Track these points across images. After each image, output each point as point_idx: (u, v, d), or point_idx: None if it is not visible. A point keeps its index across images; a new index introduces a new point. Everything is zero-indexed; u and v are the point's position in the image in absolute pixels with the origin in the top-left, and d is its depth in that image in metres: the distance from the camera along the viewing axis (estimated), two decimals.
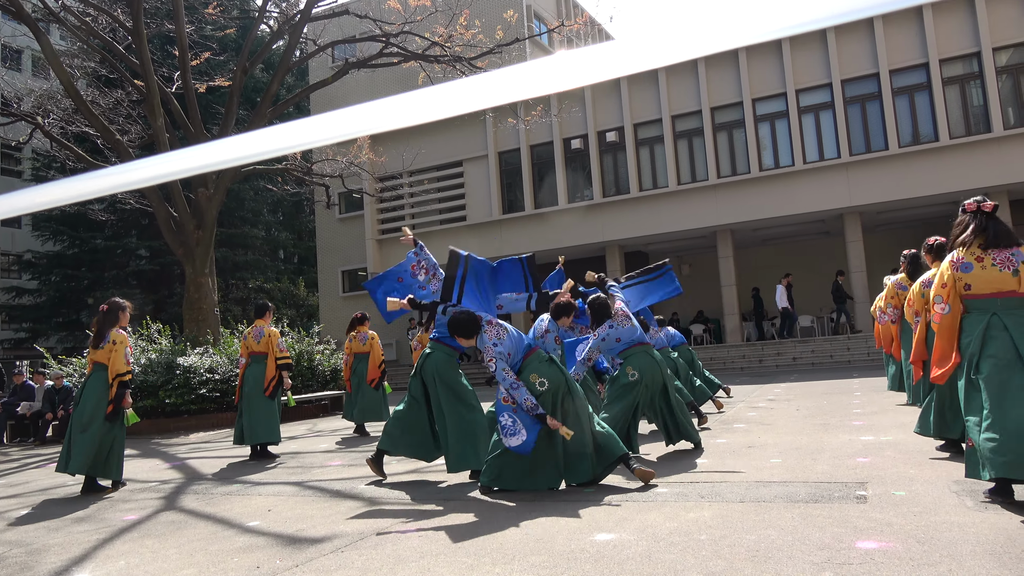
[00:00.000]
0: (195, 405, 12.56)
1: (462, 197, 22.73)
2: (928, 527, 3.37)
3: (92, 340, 6.54)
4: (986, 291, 3.78)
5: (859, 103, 18.43)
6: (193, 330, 15.11)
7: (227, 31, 21.08)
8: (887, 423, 6.85)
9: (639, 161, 20.48)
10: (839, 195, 18.19)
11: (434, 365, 5.58)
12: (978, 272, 3.79)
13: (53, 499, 6.29)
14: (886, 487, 4.25)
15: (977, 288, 3.81)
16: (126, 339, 6.48)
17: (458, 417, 5.45)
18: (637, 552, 3.33)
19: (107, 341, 6.41)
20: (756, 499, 4.21)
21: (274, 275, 34.85)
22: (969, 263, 3.82)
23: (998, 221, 3.85)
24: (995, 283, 3.76)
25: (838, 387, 11.37)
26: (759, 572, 2.94)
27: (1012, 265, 3.73)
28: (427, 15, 16.26)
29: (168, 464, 8.19)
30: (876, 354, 15.61)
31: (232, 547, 4.07)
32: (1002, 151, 16.91)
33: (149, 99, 15.25)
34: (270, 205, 35.41)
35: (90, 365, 6.52)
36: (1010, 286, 3.75)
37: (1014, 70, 17.37)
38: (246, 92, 29.05)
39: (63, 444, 6.46)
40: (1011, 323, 3.70)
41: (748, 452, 5.89)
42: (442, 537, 3.89)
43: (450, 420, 5.45)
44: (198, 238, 15.55)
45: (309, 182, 19.41)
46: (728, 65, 19.53)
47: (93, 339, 6.53)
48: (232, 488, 6.13)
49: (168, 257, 27.88)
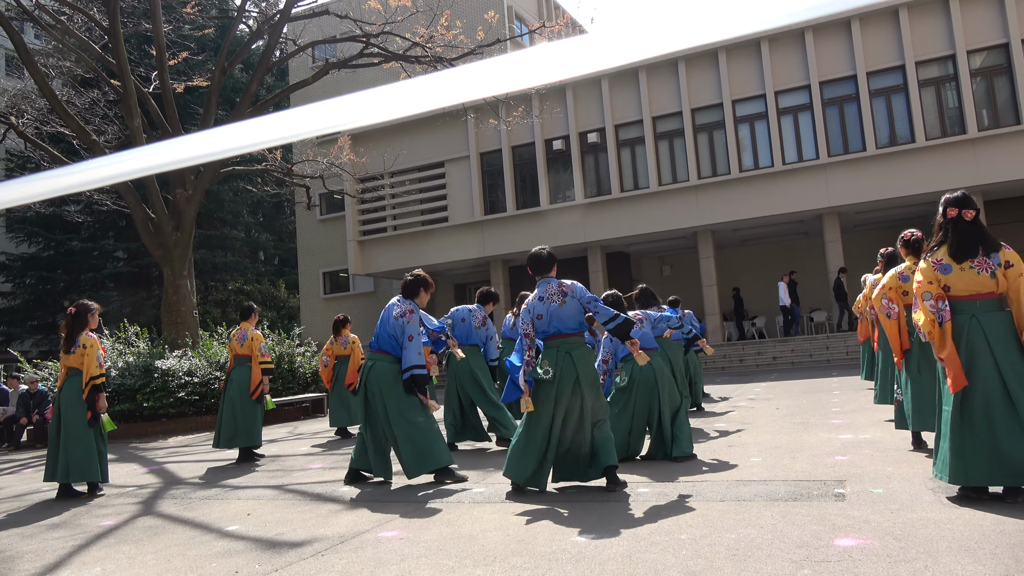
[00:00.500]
0: (174, 409, 12.43)
1: (444, 198, 22.68)
2: (905, 524, 3.41)
3: (63, 345, 6.43)
4: (965, 293, 3.82)
5: (837, 105, 18.63)
6: (172, 333, 14.95)
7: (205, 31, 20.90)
8: (865, 421, 6.93)
9: (620, 162, 20.55)
10: (818, 196, 18.37)
11: (378, 378, 5.56)
12: (957, 274, 3.82)
13: (28, 505, 6.19)
14: (864, 485, 4.30)
15: (956, 290, 3.83)
16: (96, 342, 6.37)
17: (407, 424, 5.45)
18: (618, 552, 3.34)
19: (77, 345, 6.29)
20: (736, 498, 4.24)
21: (254, 277, 34.58)
22: (948, 264, 3.84)
23: (967, 232, 3.82)
24: (974, 285, 3.80)
25: (817, 386, 11.47)
26: (739, 571, 2.95)
27: (990, 268, 3.76)
28: (408, 16, 16.21)
29: (146, 468, 8.09)
30: (855, 353, 15.79)
31: (210, 552, 4.02)
32: (977, 152, 17.17)
33: (126, 99, 15.07)
34: (250, 206, 35.13)
35: (63, 370, 6.42)
36: (988, 288, 3.78)
37: (988, 72, 17.65)
38: (225, 92, 28.83)
39: (48, 453, 6.35)
40: (987, 324, 3.74)
41: (729, 451, 5.92)
42: (423, 539, 3.87)
43: (399, 429, 5.44)
44: (176, 240, 15.38)
45: (289, 183, 19.28)
46: (708, 67, 19.67)
47: (64, 343, 6.42)
48: (211, 492, 6.06)
49: (146, 259, 27.58)
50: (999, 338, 3.70)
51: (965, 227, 3.84)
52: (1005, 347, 3.69)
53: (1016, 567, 2.74)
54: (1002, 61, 17.43)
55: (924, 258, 3.98)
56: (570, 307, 4.85)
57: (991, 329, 3.72)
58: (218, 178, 17.64)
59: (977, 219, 3.86)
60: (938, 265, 3.87)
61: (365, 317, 26.03)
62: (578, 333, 4.90)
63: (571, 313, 4.86)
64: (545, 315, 4.89)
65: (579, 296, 4.86)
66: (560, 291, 4.89)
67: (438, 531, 4.03)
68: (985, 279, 3.77)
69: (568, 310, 4.85)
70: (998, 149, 16.97)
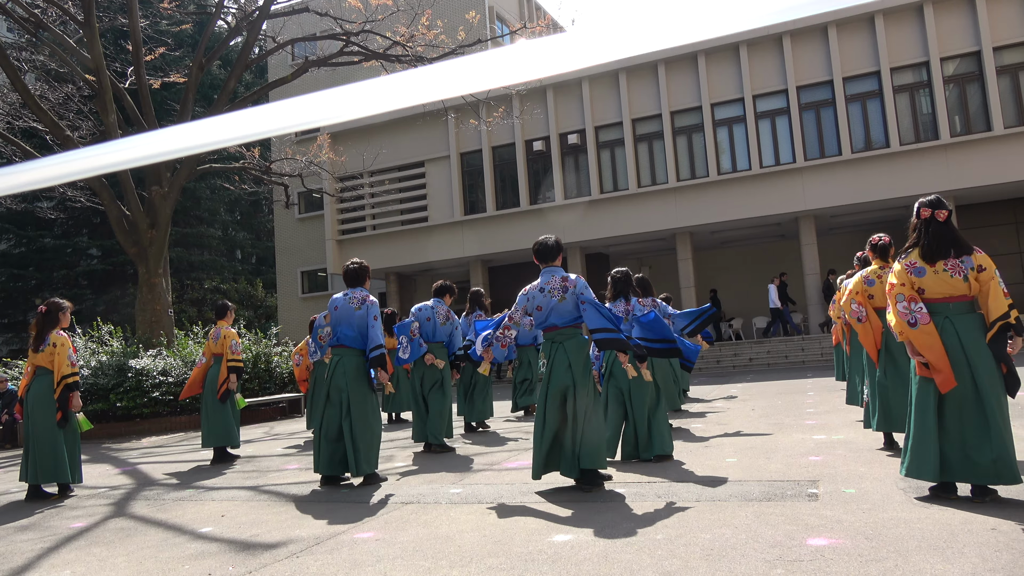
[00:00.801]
0: (148, 408, 12.26)
1: (424, 198, 22.62)
2: (876, 523, 3.46)
3: (32, 343, 6.33)
4: (939, 295, 3.87)
5: (813, 109, 18.86)
6: (146, 332, 14.76)
7: (183, 26, 20.63)
8: (838, 422, 7.01)
9: (600, 164, 20.64)
10: (794, 199, 18.58)
11: (345, 373, 5.65)
12: (931, 276, 3.87)
13: None
14: (837, 485, 4.35)
15: (931, 292, 3.88)
16: (67, 340, 6.27)
17: (364, 423, 5.60)
18: (594, 553, 3.35)
19: (47, 344, 6.19)
20: (712, 498, 4.27)
21: (231, 275, 34.26)
22: (922, 268, 3.89)
23: (939, 234, 3.87)
24: (948, 288, 3.85)
25: (792, 387, 11.60)
26: (713, 571, 2.98)
27: (962, 271, 3.82)
28: (388, 14, 16.15)
29: (119, 469, 7.98)
30: (829, 354, 15.98)
31: (183, 554, 3.98)
32: (949, 158, 17.46)
33: (101, 95, 14.85)
34: (227, 204, 34.80)
35: (31, 369, 6.30)
36: (961, 291, 3.84)
37: (960, 80, 17.96)
38: (203, 89, 28.53)
39: (23, 453, 6.24)
40: (960, 326, 3.81)
41: (705, 451, 5.97)
42: (399, 540, 3.86)
43: (358, 427, 5.56)
44: (151, 237, 15.19)
45: (267, 181, 19.11)
46: (687, 70, 19.81)
47: (33, 342, 6.31)
48: (185, 493, 5.99)
49: (120, 257, 27.21)
50: (972, 341, 3.77)
51: (937, 228, 3.90)
52: (978, 349, 3.75)
53: (983, 565, 2.80)
54: (974, 68, 17.75)
55: (898, 260, 4.02)
56: (569, 302, 4.89)
57: (964, 331, 3.78)
58: (195, 175, 17.44)
59: (949, 221, 3.91)
60: (912, 268, 3.92)
61: None
62: (573, 326, 4.95)
63: (569, 308, 4.90)
64: (544, 308, 4.94)
65: (577, 291, 4.88)
66: (562, 285, 4.92)
67: (414, 532, 4.02)
68: (958, 282, 3.83)
69: (567, 305, 4.90)
70: (969, 155, 17.28)
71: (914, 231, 4.00)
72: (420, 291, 24.88)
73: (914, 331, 3.80)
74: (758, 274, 22.95)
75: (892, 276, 4.00)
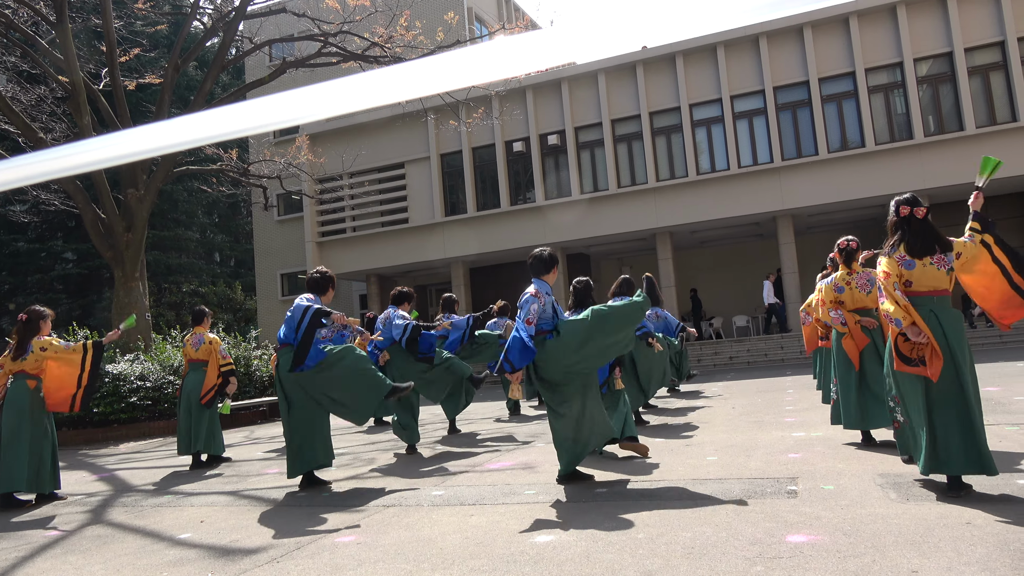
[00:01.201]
0: (125, 414, 12.11)
1: (404, 199, 22.55)
2: (854, 519, 3.50)
3: (12, 350, 6.25)
4: (925, 289, 3.93)
5: (790, 110, 19.05)
6: (123, 336, 14.56)
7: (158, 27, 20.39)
8: (817, 419, 7.08)
9: (580, 164, 20.69)
10: (772, 198, 18.75)
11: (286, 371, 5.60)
12: (920, 270, 3.93)
13: None
14: (816, 481, 4.40)
15: (918, 285, 3.94)
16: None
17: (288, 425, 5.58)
18: (576, 553, 3.36)
19: (29, 351, 6.18)
20: (692, 496, 4.30)
21: (209, 278, 33.93)
22: (911, 260, 3.94)
23: (921, 231, 3.94)
24: (934, 281, 3.92)
25: (772, 385, 11.71)
26: (694, 569, 3.00)
27: (947, 265, 3.92)
28: (366, 15, 16.08)
29: (95, 476, 7.87)
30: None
31: (162, 561, 3.93)
32: (923, 157, 17.72)
33: (74, 96, 14.64)
34: (205, 206, 34.47)
35: (7, 376, 6.21)
36: (945, 284, 3.94)
37: (933, 80, 18.23)
38: (179, 90, 28.22)
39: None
40: (944, 320, 3.87)
41: (686, 450, 6.01)
42: (381, 543, 3.84)
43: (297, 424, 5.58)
44: (128, 240, 14.99)
45: (246, 183, 18.94)
46: (666, 70, 19.93)
47: (14, 350, 6.24)
48: (163, 499, 5.92)
49: (96, 260, 26.85)
50: (955, 335, 3.85)
51: (919, 225, 3.96)
52: (960, 344, 3.84)
53: (958, 559, 2.84)
54: (946, 69, 18.02)
55: (887, 255, 4.03)
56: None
57: (948, 326, 3.85)
58: (171, 177, 17.24)
59: (928, 218, 3.97)
60: (902, 260, 3.96)
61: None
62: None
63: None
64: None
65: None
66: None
67: (396, 535, 4.00)
68: (943, 276, 3.91)
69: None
70: (943, 154, 17.54)
71: (895, 229, 4.04)
72: None
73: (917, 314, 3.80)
74: (738, 273, 23.16)
75: (883, 268, 4.00)
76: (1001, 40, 17.50)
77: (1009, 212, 20.18)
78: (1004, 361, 11.91)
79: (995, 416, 6.31)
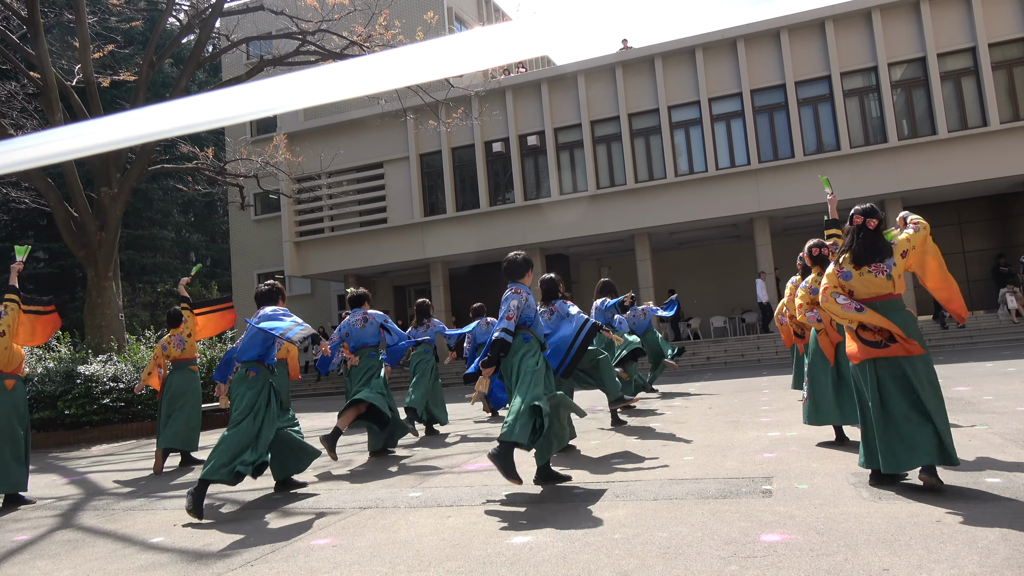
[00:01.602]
0: (97, 416, 11.92)
1: (383, 199, 22.44)
2: (827, 518, 3.53)
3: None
4: (867, 296, 4.08)
5: (767, 112, 19.23)
6: (96, 337, 14.34)
7: (133, 23, 20.14)
8: (792, 419, 7.15)
9: (559, 165, 20.73)
10: (749, 200, 18.92)
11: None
12: (857, 279, 4.09)
13: None
14: (790, 481, 4.44)
15: (859, 294, 4.10)
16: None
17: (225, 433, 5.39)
18: (553, 554, 3.36)
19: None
20: (669, 496, 4.32)
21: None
22: (848, 271, 4.13)
23: (868, 241, 4.07)
24: (873, 288, 4.06)
25: (748, 385, 11.80)
26: (669, 568, 3.01)
27: (885, 271, 4.05)
28: (345, 14, 15.98)
29: (66, 479, 7.74)
30: (784, 353, 16.31)
31: (133, 565, 3.87)
32: (897, 160, 17.98)
33: (46, 93, 14.39)
34: (180, 205, 34.06)
35: None
36: (886, 289, 4.06)
37: (907, 84, 18.50)
38: (154, 87, 27.86)
39: None
40: (895, 321, 3.97)
41: (663, 450, 6.03)
42: (357, 546, 3.81)
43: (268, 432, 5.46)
44: (101, 240, 14.76)
45: (222, 182, 18.73)
46: (645, 72, 20.03)
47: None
48: (135, 503, 5.84)
49: (69, 260, 26.44)
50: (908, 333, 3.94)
51: (866, 235, 4.09)
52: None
53: (928, 556, 2.88)
54: (919, 74, 18.31)
55: (832, 264, 4.24)
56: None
57: (900, 326, 3.94)
58: (146, 176, 17.00)
59: (878, 229, 4.09)
60: (840, 272, 4.15)
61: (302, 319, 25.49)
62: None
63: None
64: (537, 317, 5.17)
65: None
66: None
67: (373, 537, 3.97)
68: (882, 281, 4.04)
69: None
70: (916, 158, 17.81)
71: (848, 236, 4.18)
72: (380, 293, 24.69)
73: (863, 314, 3.99)
74: (715, 274, 23.35)
75: (825, 280, 4.23)
76: (973, 46, 17.81)
77: (982, 215, 20.56)
78: (974, 361, 12.11)
79: (965, 416, 6.42)
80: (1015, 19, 17.65)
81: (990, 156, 17.36)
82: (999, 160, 17.31)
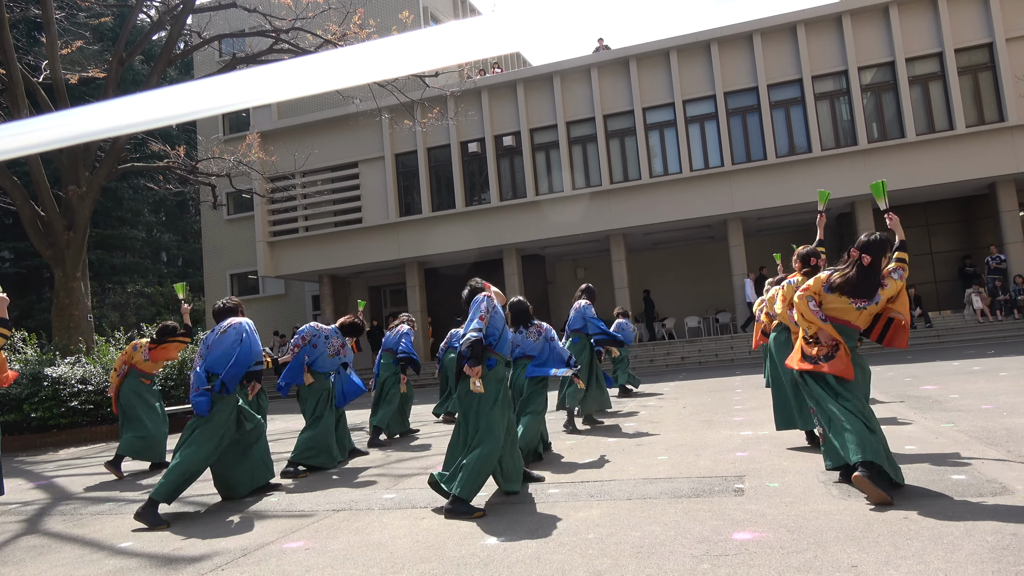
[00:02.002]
0: (65, 419, 11.69)
1: (358, 199, 22.30)
2: (798, 516, 3.58)
3: None
4: (832, 315, 4.18)
5: (740, 115, 19.44)
6: (63, 338, 14.07)
7: (102, 19, 19.79)
8: (765, 418, 7.23)
9: (535, 165, 20.77)
10: (722, 202, 19.11)
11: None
12: (835, 299, 4.18)
13: None
14: (761, 479, 4.49)
15: (827, 310, 4.20)
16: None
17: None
18: (527, 554, 3.36)
19: None
20: (642, 496, 4.34)
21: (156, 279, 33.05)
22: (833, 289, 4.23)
23: (864, 279, 4.12)
24: (840, 312, 4.17)
25: (722, 385, 11.92)
26: (642, 568, 3.03)
27: (863, 305, 4.14)
28: (320, 12, 15.86)
29: (32, 484, 7.58)
30: (757, 353, 16.48)
31: (101, 571, 3.80)
32: (867, 162, 18.26)
33: (11, 89, 14.09)
34: (151, 205, 33.55)
35: None
36: (850, 317, 4.16)
37: (876, 88, 18.81)
38: (124, 85, 27.39)
39: None
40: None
41: (637, 449, 6.07)
42: (329, 549, 3.79)
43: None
44: (69, 239, 14.49)
45: (194, 181, 18.48)
46: (620, 74, 20.14)
47: None
48: (103, 507, 5.74)
49: (36, 259, 25.92)
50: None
51: (863, 272, 4.11)
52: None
53: (895, 552, 2.93)
54: (888, 78, 18.62)
55: (826, 274, 4.29)
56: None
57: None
58: (115, 174, 16.71)
59: (872, 264, 4.10)
60: (826, 284, 4.23)
61: (276, 320, 25.27)
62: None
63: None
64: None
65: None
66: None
67: (346, 539, 3.95)
68: (852, 311, 4.16)
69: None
70: (885, 160, 18.11)
71: (848, 264, 4.20)
72: (355, 294, 24.52)
73: (824, 324, 4.13)
74: (690, 275, 23.55)
75: (810, 282, 4.30)
76: (939, 51, 18.16)
77: (949, 217, 20.96)
78: (941, 360, 12.35)
79: (932, 414, 6.54)
80: (980, 25, 18.03)
81: (957, 159, 17.71)
82: (965, 163, 17.67)
